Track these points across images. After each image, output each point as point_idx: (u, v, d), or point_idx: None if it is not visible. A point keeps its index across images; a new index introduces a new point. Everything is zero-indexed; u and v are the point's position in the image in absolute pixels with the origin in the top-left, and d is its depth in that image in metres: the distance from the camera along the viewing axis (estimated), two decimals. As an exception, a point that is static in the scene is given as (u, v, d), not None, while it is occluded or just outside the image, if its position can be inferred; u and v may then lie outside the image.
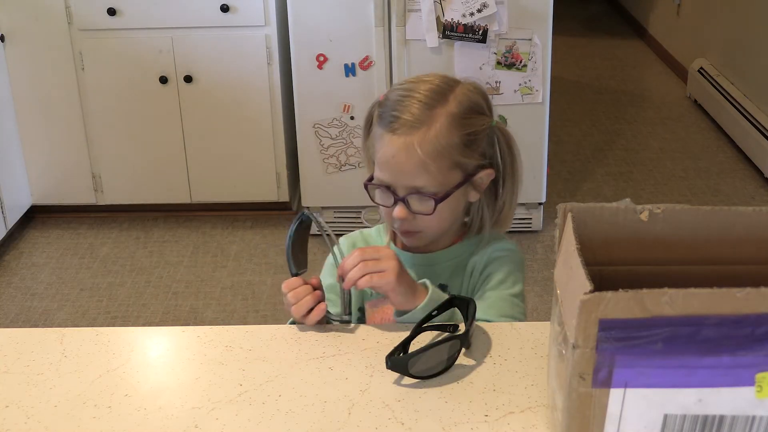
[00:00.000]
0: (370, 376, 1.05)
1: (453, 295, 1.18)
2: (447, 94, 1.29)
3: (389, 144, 1.26)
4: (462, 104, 1.29)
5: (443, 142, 1.26)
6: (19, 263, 3.08)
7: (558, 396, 0.87)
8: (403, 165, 1.26)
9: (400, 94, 1.30)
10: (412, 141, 1.25)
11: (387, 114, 1.28)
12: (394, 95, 1.31)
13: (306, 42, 2.92)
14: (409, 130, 1.25)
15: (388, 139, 1.27)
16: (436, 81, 1.31)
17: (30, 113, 3.18)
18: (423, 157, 1.24)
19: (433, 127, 1.26)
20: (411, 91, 1.29)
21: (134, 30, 3.05)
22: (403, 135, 1.25)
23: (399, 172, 1.26)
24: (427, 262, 1.35)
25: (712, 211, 0.89)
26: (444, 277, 1.36)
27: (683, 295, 0.75)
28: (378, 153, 1.29)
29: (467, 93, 1.31)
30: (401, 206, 1.27)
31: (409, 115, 1.26)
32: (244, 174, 3.25)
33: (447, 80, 1.32)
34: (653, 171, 3.72)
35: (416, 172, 1.25)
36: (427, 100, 1.28)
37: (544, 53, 2.89)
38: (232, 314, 2.77)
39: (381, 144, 1.28)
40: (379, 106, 1.32)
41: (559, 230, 0.90)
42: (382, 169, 1.28)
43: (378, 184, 1.29)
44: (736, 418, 0.81)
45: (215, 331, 1.16)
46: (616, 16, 6.13)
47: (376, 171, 1.29)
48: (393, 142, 1.26)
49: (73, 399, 1.03)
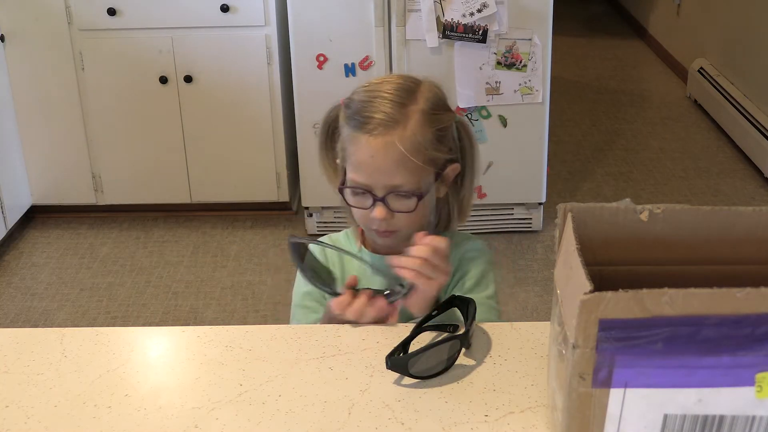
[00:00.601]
0: (370, 376, 1.05)
1: (453, 295, 1.18)
2: (415, 92, 1.30)
3: (366, 144, 1.26)
4: (430, 101, 1.30)
5: (419, 138, 1.26)
6: (19, 263, 3.09)
7: (558, 396, 0.87)
8: (382, 164, 1.25)
9: (365, 95, 1.30)
10: (391, 139, 1.25)
11: (357, 116, 1.28)
12: (359, 97, 1.30)
13: (306, 42, 2.92)
14: (386, 129, 1.25)
15: (364, 140, 1.26)
16: (399, 80, 1.32)
17: (30, 113, 3.18)
18: (403, 154, 1.24)
19: (408, 124, 1.26)
20: (377, 92, 1.29)
21: (134, 30, 3.05)
22: (380, 135, 1.25)
23: (378, 172, 1.26)
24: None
25: (712, 211, 0.89)
26: None
27: (683, 295, 0.75)
28: (353, 156, 1.28)
29: (433, 89, 1.32)
30: (381, 206, 1.26)
31: (383, 115, 1.26)
32: (244, 174, 3.25)
33: (409, 78, 1.33)
34: (653, 171, 3.72)
35: (395, 171, 1.25)
36: (397, 99, 1.28)
37: (544, 53, 2.89)
38: (232, 314, 2.77)
39: (356, 146, 1.27)
40: (346, 108, 1.31)
41: (559, 230, 0.90)
42: (359, 171, 1.27)
43: (354, 186, 1.28)
44: (736, 418, 0.81)
45: (215, 331, 1.16)
46: (616, 16, 6.13)
47: (351, 173, 1.29)
48: (370, 142, 1.25)
49: (73, 399, 1.03)
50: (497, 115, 2.99)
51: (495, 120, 2.99)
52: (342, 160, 1.32)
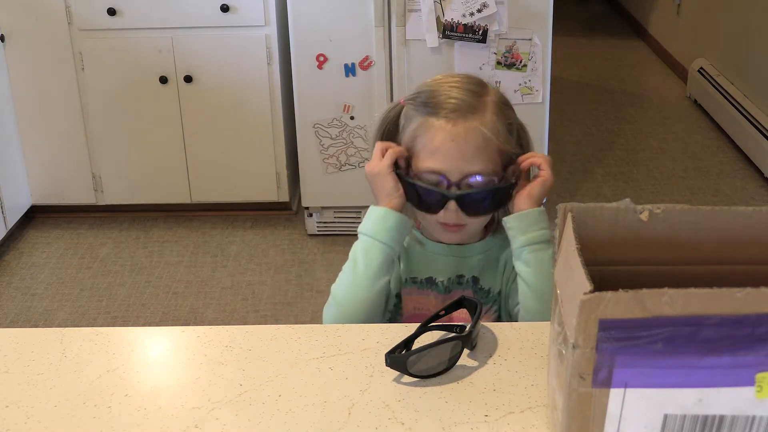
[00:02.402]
0: (370, 376, 1.05)
1: (462, 297, 1.17)
2: (485, 85, 1.31)
3: (445, 129, 1.25)
4: (499, 94, 1.31)
5: (498, 127, 1.26)
6: (19, 263, 3.09)
7: (558, 396, 0.87)
8: (464, 147, 1.25)
9: (434, 87, 1.30)
10: (474, 125, 1.25)
11: (432, 103, 1.27)
12: (427, 89, 1.30)
13: (306, 42, 2.92)
14: (465, 114, 1.25)
15: (440, 125, 1.25)
16: (464, 76, 1.32)
17: (30, 113, 3.18)
18: (485, 140, 1.24)
19: (486, 111, 1.26)
20: (447, 83, 1.29)
21: (134, 30, 3.05)
22: (460, 119, 1.25)
23: (457, 156, 1.25)
24: (460, 254, 1.35)
25: (712, 211, 0.89)
26: (476, 270, 1.36)
27: (683, 295, 0.75)
28: (428, 143, 1.26)
29: (496, 87, 1.34)
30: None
31: (460, 101, 1.26)
32: (244, 174, 3.25)
33: (473, 76, 1.34)
34: (653, 171, 3.72)
35: (476, 156, 1.25)
36: (471, 88, 1.28)
37: (544, 53, 2.89)
38: (232, 314, 2.77)
39: (432, 132, 1.26)
40: (414, 100, 1.30)
41: (559, 230, 0.90)
42: (435, 156, 1.26)
43: (429, 171, 1.26)
44: (736, 418, 0.81)
45: (215, 331, 1.16)
46: (616, 16, 6.13)
47: (423, 162, 1.27)
48: (449, 126, 1.25)
49: (73, 399, 1.03)
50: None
51: (495, 120, 2.99)
52: (409, 149, 1.30)
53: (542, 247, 1.26)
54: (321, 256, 3.08)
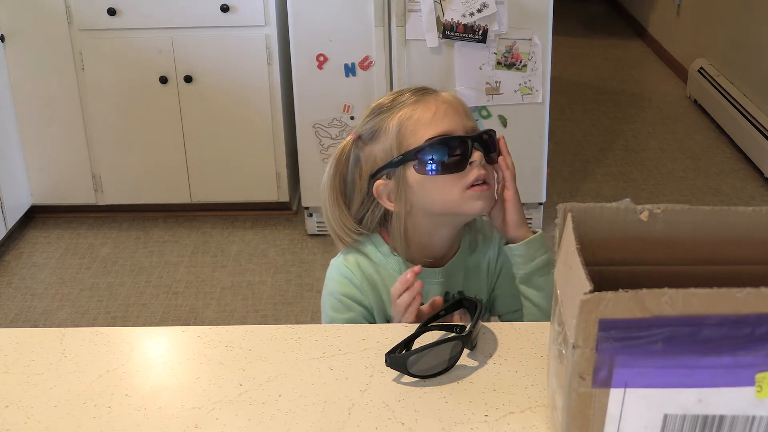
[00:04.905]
0: (370, 376, 1.05)
1: (462, 297, 1.17)
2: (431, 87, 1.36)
3: (425, 103, 1.27)
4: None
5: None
6: (19, 263, 3.08)
7: (558, 396, 0.87)
8: (458, 107, 1.28)
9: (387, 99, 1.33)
10: (441, 93, 1.30)
11: (397, 102, 1.29)
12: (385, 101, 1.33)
13: (306, 42, 2.92)
14: (428, 91, 1.30)
15: (424, 101, 1.27)
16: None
17: (30, 113, 3.18)
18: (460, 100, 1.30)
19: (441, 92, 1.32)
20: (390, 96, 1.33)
21: (134, 30, 3.05)
22: (429, 94, 1.29)
23: (453, 113, 1.27)
24: (446, 275, 1.35)
25: (712, 211, 0.89)
26: (460, 285, 1.36)
27: (683, 295, 0.75)
28: (421, 118, 1.26)
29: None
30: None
31: (417, 90, 1.30)
32: (244, 174, 3.25)
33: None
34: (653, 171, 3.72)
35: (466, 112, 1.29)
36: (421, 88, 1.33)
37: (544, 53, 2.89)
38: (232, 314, 2.77)
39: (419, 110, 1.27)
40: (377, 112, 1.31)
41: (559, 230, 0.90)
42: (434, 123, 1.25)
43: (441, 134, 1.24)
44: (736, 418, 0.81)
45: (215, 331, 1.16)
46: (616, 16, 6.13)
47: (425, 133, 1.25)
48: (431, 97, 1.28)
49: (73, 399, 1.03)
50: (497, 115, 2.99)
51: (495, 120, 2.99)
52: (396, 150, 1.27)
53: (549, 270, 1.28)
54: (321, 256, 3.08)
